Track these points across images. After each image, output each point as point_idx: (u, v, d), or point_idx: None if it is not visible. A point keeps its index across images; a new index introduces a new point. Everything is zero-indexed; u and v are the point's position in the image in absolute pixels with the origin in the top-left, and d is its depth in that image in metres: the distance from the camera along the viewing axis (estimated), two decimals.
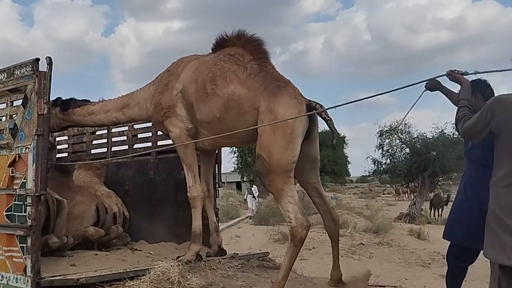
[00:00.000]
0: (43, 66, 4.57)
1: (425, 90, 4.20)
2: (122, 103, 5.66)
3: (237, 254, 5.57)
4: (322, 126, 4.99)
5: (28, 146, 4.58)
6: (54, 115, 5.75)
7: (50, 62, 4.56)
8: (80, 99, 6.02)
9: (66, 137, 7.78)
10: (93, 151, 7.52)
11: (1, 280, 4.67)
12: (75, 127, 6.81)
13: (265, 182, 4.61)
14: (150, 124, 6.36)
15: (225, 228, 17.26)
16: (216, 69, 4.93)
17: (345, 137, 45.75)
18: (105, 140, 7.35)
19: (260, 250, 7.75)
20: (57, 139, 7.81)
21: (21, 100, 4.73)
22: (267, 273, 5.22)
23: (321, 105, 4.64)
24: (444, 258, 11.63)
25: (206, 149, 5.37)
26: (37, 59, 4.63)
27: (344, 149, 44.81)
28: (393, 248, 12.36)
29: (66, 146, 7.82)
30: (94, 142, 7.54)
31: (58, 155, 7.60)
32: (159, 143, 6.58)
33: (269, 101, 4.60)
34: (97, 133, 7.45)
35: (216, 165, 5.92)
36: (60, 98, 5.95)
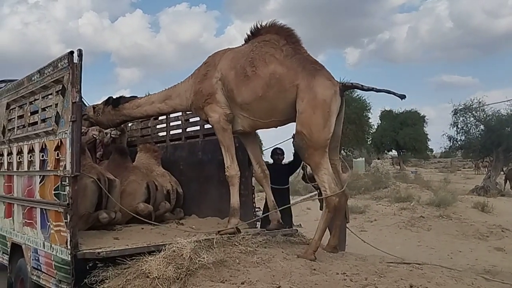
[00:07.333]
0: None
1: None
2: (165, 95, 5.58)
3: (264, 230, 5.22)
4: (403, 106, 4.67)
5: (66, 131, 4.50)
6: (107, 112, 5.81)
7: (80, 54, 4.46)
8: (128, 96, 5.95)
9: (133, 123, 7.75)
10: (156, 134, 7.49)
11: (52, 252, 4.64)
12: (127, 122, 6.63)
13: (303, 156, 4.57)
14: None
15: (299, 201, 16.76)
16: (254, 54, 4.77)
17: (425, 116, 43.90)
18: (164, 125, 7.25)
19: None
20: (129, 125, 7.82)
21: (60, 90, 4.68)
22: (292, 248, 4.74)
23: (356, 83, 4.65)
24: (502, 231, 10.63)
25: (245, 131, 5.18)
26: (71, 52, 4.52)
27: (424, 127, 43.07)
28: (452, 221, 11.31)
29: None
30: (157, 126, 7.47)
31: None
32: (206, 126, 6.35)
33: (308, 80, 4.46)
34: (159, 118, 7.31)
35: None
36: (111, 97, 5.92)
